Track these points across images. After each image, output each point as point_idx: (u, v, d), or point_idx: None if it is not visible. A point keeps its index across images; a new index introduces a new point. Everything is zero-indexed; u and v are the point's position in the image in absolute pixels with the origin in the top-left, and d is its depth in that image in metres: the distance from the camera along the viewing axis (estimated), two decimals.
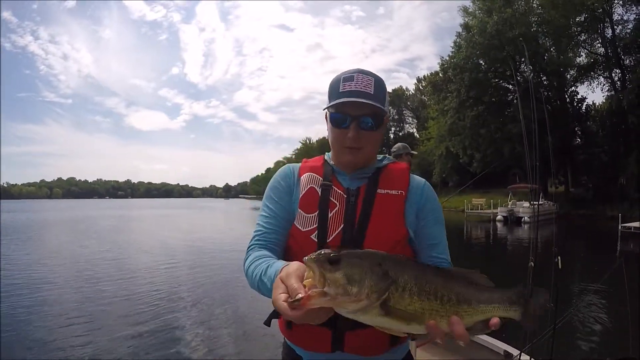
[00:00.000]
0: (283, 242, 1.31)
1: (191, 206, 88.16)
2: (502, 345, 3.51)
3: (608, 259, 13.21)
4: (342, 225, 1.24)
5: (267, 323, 1.21)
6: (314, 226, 1.25)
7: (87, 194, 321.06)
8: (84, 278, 11.03)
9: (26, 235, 23.14)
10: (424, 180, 1.40)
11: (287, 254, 1.30)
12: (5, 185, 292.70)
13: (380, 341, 1.22)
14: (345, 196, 1.29)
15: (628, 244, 17.54)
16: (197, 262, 13.69)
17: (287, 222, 1.32)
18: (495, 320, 0.92)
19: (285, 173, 1.43)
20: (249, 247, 1.30)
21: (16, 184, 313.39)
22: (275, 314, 1.18)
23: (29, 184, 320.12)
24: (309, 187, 1.33)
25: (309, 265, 0.82)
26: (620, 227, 20.68)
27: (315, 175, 1.36)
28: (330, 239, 1.22)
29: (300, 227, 1.27)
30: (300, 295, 0.79)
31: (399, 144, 4.77)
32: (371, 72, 1.29)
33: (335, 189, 1.31)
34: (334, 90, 1.29)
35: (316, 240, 1.23)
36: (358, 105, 1.23)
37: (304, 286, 0.82)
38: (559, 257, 3.02)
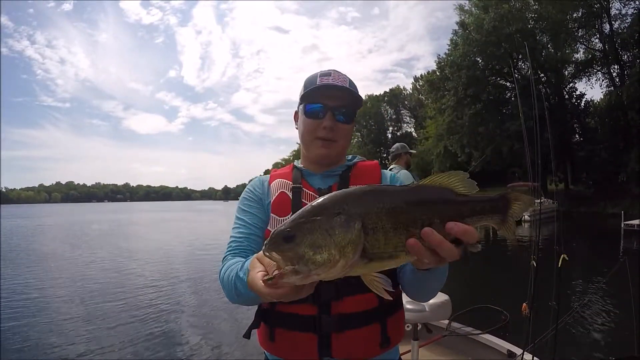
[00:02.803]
0: (257, 249, 1.23)
1: (190, 209, 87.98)
2: (505, 345, 3.49)
3: (611, 257, 13.07)
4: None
5: (247, 335, 1.22)
6: None
7: (85, 197, 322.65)
8: (83, 283, 10.94)
9: (26, 243, 22.76)
10: (394, 172, 1.44)
11: None
12: (3, 190, 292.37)
13: (370, 343, 1.17)
14: (317, 196, 1.16)
15: (631, 241, 17.28)
16: (196, 265, 13.64)
17: (258, 229, 1.30)
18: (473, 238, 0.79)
19: (254, 184, 1.42)
20: (222, 259, 1.26)
21: (14, 189, 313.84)
22: (255, 323, 1.23)
23: (28, 189, 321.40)
24: (279, 192, 1.32)
25: (268, 257, 0.76)
26: (623, 225, 20.31)
27: (284, 180, 1.35)
28: None
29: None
30: (276, 272, 0.75)
31: (397, 144, 4.91)
32: (346, 75, 1.34)
33: (306, 190, 1.30)
34: (310, 84, 1.32)
35: None
36: (334, 96, 1.29)
37: None
38: (561, 256, 2.95)
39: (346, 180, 1.31)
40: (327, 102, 1.28)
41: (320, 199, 0.78)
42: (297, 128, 1.41)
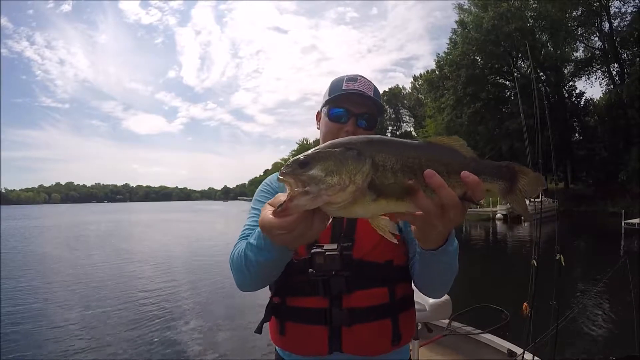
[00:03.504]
0: None
1: (190, 209, 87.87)
2: (505, 344, 3.49)
3: (611, 256, 13.08)
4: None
5: (259, 330, 1.22)
6: None
7: (85, 198, 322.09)
8: (82, 285, 10.89)
9: (24, 245, 22.76)
10: None
11: None
12: (3, 191, 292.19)
13: (381, 339, 1.17)
14: None
15: (632, 240, 17.23)
16: (197, 266, 13.60)
17: None
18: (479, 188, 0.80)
19: (272, 178, 1.44)
20: (234, 246, 1.23)
21: (14, 190, 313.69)
22: (266, 317, 1.25)
23: (27, 189, 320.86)
24: None
25: (283, 180, 0.76)
26: (623, 224, 20.25)
27: None
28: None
29: None
30: (286, 197, 0.74)
31: None
32: (372, 82, 1.37)
33: None
34: (336, 88, 1.35)
35: None
36: (360, 104, 1.31)
37: None
38: (562, 255, 2.97)
39: None
40: (351, 107, 1.32)
41: (337, 139, 0.81)
42: (318, 128, 1.44)
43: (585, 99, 42.22)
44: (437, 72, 48.00)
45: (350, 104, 1.32)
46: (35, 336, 6.83)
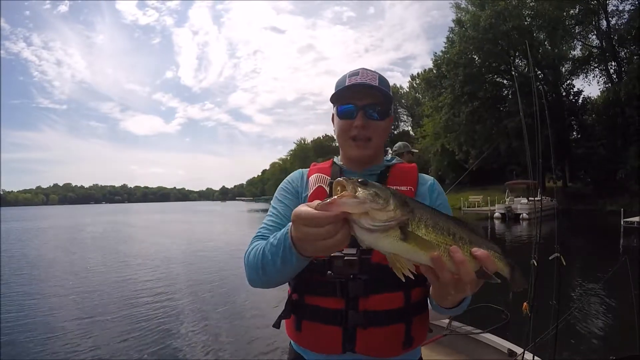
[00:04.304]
0: None
1: (188, 210, 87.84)
2: (505, 344, 3.51)
3: (611, 255, 13.10)
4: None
5: (277, 325, 1.25)
6: None
7: (83, 199, 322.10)
8: (82, 286, 10.88)
9: (21, 247, 22.64)
10: (432, 177, 1.40)
11: None
12: (1, 192, 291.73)
13: (393, 342, 1.20)
14: None
15: (631, 239, 17.18)
16: (197, 267, 13.57)
17: (289, 220, 1.20)
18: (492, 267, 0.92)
19: (294, 176, 1.45)
20: (250, 243, 1.28)
21: (12, 191, 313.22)
22: (286, 313, 1.26)
23: (25, 191, 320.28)
24: (317, 186, 1.34)
25: (340, 183, 0.83)
26: (622, 222, 20.19)
27: (323, 175, 1.37)
28: None
29: None
30: (334, 198, 0.81)
31: (399, 143, 4.90)
32: (377, 72, 1.35)
33: None
34: (340, 85, 1.35)
35: None
36: (364, 95, 1.29)
37: None
38: (561, 255, 2.96)
39: (384, 178, 1.34)
40: (357, 101, 1.30)
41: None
42: (334, 130, 1.45)
43: (583, 98, 42.41)
44: (434, 71, 48.14)
45: (355, 98, 1.30)
46: (32, 340, 6.75)
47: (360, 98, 1.30)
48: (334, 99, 1.35)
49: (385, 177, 1.34)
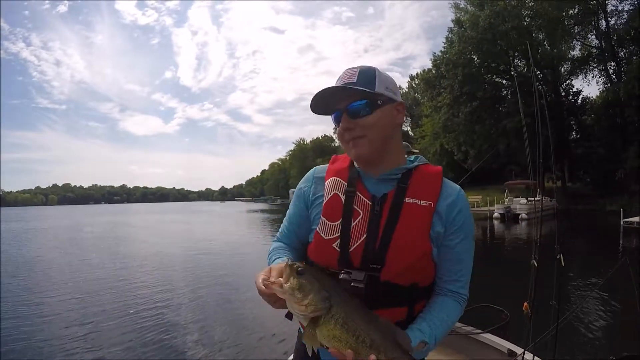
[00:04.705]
0: (297, 242, 1.43)
1: (188, 210, 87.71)
2: (505, 344, 3.50)
3: (611, 255, 13.10)
4: (364, 235, 1.22)
5: (289, 316, 1.24)
6: (337, 235, 1.25)
7: (82, 199, 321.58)
8: (80, 288, 10.81)
9: (20, 248, 22.66)
10: (458, 188, 1.30)
11: (309, 258, 1.34)
12: (0, 192, 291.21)
13: None
14: (370, 204, 1.26)
15: (631, 239, 17.18)
16: (197, 267, 13.58)
17: (297, 226, 1.42)
18: None
19: (306, 178, 1.46)
20: (274, 240, 1.50)
21: (11, 191, 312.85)
22: None
23: (24, 191, 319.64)
24: (332, 193, 1.32)
25: (285, 266, 1.04)
26: (622, 223, 20.16)
27: (339, 180, 1.33)
28: (352, 249, 1.22)
29: (322, 235, 1.27)
30: (272, 280, 1.02)
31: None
32: (362, 65, 1.28)
33: (360, 195, 1.28)
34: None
35: (338, 249, 1.24)
36: (341, 96, 1.25)
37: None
38: (561, 255, 2.94)
39: (404, 188, 1.26)
40: (339, 105, 1.27)
41: (328, 278, 1.08)
42: None
43: (582, 98, 42.39)
44: (433, 71, 47.92)
45: (337, 102, 1.26)
46: (31, 340, 6.74)
47: (340, 100, 1.26)
48: (317, 111, 1.31)
49: (404, 186, 1.27)
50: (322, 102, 1.27)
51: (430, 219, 1.22)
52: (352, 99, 1.23)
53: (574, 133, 42.76)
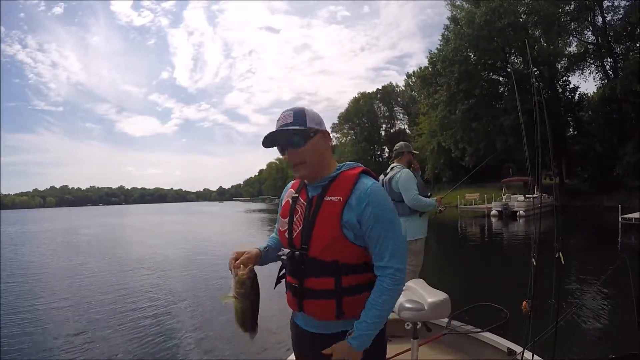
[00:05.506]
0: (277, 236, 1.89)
1: (186, 211, 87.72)
2: (505, 343, 3.46)
3: (610, 252, 13.11)
4: (301, 226, 1.64)
5: (274, 286, 1.82)
6: (286, 228, 1.71)
7: (80, 201, 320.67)
8: (79, 289, 10.85)
9: (18, 250, 22.59)
10: (370, 183, 1.59)
11: (281, 244, 1.80)
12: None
13: (327, 311, 1.60)
14: (305, 204, 1.67)
15: (629, 236, 17.11)
16: (196, 267, 13.61)
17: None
18: None
19: (286, 187, 1.91)
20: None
21: (9, 194, 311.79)
22: (279, 280, 1.81)
23: (22, 194, 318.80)
24: (286, 200, 1.81)
25: (248, 267, 1.63)
26: (620, 219, 20.09)
27: (292, 190, 1.82)
28: (294, 236, 1.66)
29: (280, 228, 1.77)
30: (237, 264, 1.65)
31: (401, 143, 5.03)
32: (296, 107, 1.67)
33: (301, 199, 1.71)
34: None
35: (287, 237, 1.70)
36: (283, 134, 1.62)
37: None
38: (561, 253, 2.90)
39: (325, 191, 1.63)
40: (281, 141, 1.66)
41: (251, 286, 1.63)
42: None
43: (579, 94, 42.54)
44: (430, 69, 48.04)
45: (279, 140, 1.65)
46: (30, 341, 6.76)
47: (283, 136, 1.63)
48: (267, 145, 1.69)
49: (325, 189, 1.63)
50: (269, 139, 1.65)
51: (341, 210, 1.54)
52: (287, 138, 1.62)
53: (571, 129, 42.92)
